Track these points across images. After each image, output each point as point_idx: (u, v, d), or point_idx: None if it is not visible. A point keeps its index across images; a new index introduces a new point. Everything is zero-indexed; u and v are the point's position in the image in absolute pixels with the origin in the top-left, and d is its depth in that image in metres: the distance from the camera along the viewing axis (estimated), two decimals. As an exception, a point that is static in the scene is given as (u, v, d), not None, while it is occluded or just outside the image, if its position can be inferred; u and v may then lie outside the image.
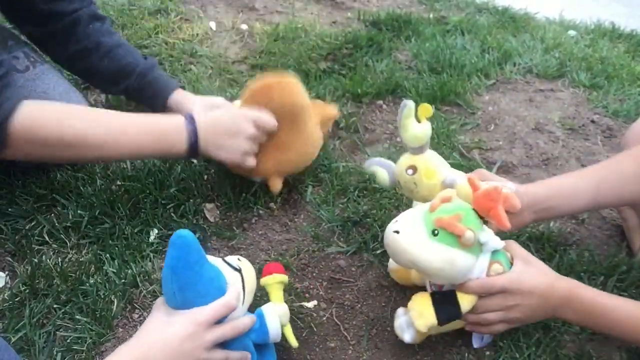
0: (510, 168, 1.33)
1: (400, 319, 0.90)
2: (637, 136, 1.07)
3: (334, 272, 1.06)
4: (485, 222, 0.83)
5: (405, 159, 0.94)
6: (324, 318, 0.98)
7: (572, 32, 2.01)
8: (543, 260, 1.06)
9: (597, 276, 1.04)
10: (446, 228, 0.78)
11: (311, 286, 1.03)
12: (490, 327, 0.88)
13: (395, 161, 0.97)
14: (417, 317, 0.84)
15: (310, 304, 1.00)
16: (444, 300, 0.85)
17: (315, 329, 0.96)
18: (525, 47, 1.81)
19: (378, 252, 1.08)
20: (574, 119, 1.50)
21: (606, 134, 1.46)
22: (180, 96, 1.25)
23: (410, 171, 0.92)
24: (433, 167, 0.92)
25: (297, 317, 0.97)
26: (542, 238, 1.12)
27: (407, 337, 0.89)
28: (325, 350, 0.93)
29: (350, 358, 0.92)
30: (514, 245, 0.89)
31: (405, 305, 0.99)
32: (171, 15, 1.84)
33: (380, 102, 1.53)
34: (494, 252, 0.85)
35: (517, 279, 0.84)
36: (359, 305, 1.00)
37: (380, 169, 0.97)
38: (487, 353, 0.93)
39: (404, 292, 1.02)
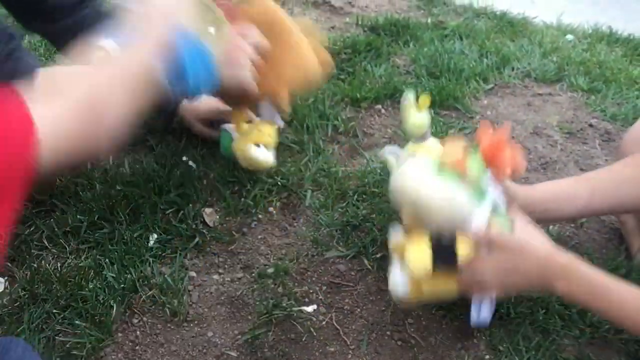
0: (509, 172, 1.33)
1: (395, 271, 0.88)
2: (635, 140, 1.07)
3: (333, 276, 1.06)
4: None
5: (409, 148, 0.96)
6: (324, 322, 0.98)
7: (569, 37, 2.01)
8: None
9: (596, 280, 1.04)
10: (450, 165, 0.80)
11: (310, 291, 1.03)
12: (485, 290, 0.85)
13: None
14: (413, 260, 0.82)
15: (310, 309, 1.00)
16: (442, 246, 0.83)
17: (314, 334, 0.96)
18: (523, 51, 1.82)
19: (377, 256, 1.08)
20: (572, 123, 1.51)
21: (604, 137, 1.47)
22: (183, 116, 1.30)
23: None
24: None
25: (296, 322, 0.97)
26: (541, 242, 1.12)
27: (401, 289, 0.87)
28: (324, 354, 0.93)
29: (349, 362, 0.92)
30: (520, 212, 0.88)
31: (404, 310, 0.99)
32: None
33: (379, 106, 1.53)
34: (497, 213, 0.84)
35: (519, 239, 0.82)
36: (359, 310, 1.00)
37: (391, 156, 0.99)
38: (487, 357, 0.93)
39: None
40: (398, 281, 0.88)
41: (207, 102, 1.29)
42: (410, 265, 0.83)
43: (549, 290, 0.85)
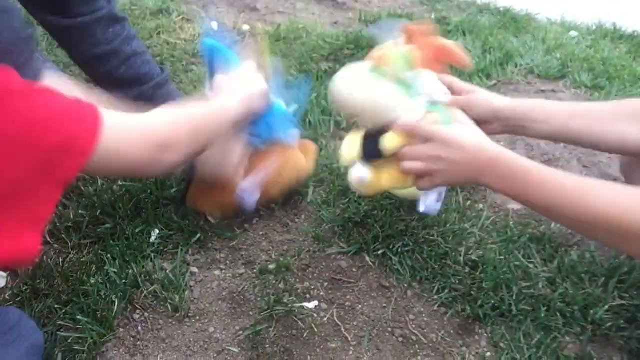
0: (512, 169, 1.33)
1: (356, 166, 0.91)
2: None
3: (334, 272, 1.06)
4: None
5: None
6: (325, 319, 0.98)
7: (573, 33, 2.01)
8: (544, 261, 1.07)
9: (598, 277, 1.03)
10: (376, 62, 0.84)
11: (312, 287, 1.03)
12: (418, 180, 0.87)
13: None
14: (344, 148, 0.89)
15: (311, 305, 1.00)
16: (371, 138, 0.88)
17: (315, 330, 0.96)
18: (526, 47, 1.82)
19: (379, 253, 1.08)
20: (576, 120, 1.50)
21: (608, 135, 1.46)
22: None
23: None
24: None
25: (297, 318, 0.97)
26: (543, 239, 1.12)
27: (361, 174, 0.90)
28: (325, 351, 0.93)
29: (350, 359, 0.92)
30: (460, 113, 0.90)
31: (405, 307, 0.99)
32: (173, 15, 1.84)
33: (382, 102, 1.53)
34: (436, 108, 0.87)
35: (447, 131, 0.83)
36: (360, 306, 1.00)
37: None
38: (488, 354, 0.93)
39: (405, 293, 1.02)
40: (358, 168, 0.91)
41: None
42: (342, 153, 0.89)
43: (477, 182, 0.85)
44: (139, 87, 1.26)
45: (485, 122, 0.93)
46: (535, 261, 1.07)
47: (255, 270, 1.05)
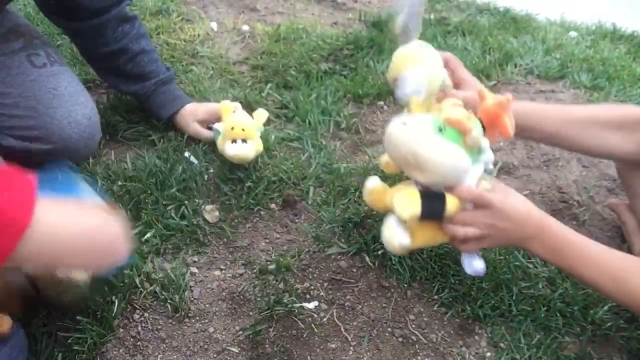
0: (511, 169, 1.33)
1: (393, 224, 0.89)
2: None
3: (334, 273, 1.06)
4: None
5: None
6: (325, 319, 0.98)
7: (573, 33, 2.01)
8: (544, 261, 1.06)
9: (598, 277, 1.03)
10: (454, 125, 0.81)
11: (312, 287, 1.03)
12: (464, 244, 0.89)
13: None
14: (402, 204, 0.84)
15: (311, 305, 1.00)
16: (432, 196, 0.86)
17: (315, 330, 0.96)
18: (526, 48, 1.82)
19: (379, 253, 1.08)
20: (575, 120, 1.50)
21: (607, 135, 1.46)
22: (183, 117, 1.32)
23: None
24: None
25: (297, 318, 0.97)
26: (543, 239, 1.12)
27: (404, 239, 0.87)
28: (325, 351, 0.93)
29: (350, 359, 0.92)
30: (495, 179, 0.93)
31: (405, 307, 0.99)
32: (172, 15, 1.84)
33: (381, 103, 1.53)
34: (485, 172, 0.87)
35: (501, 199, 0.85)
36: (360, 306, 1.00)
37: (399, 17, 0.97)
38: (488, 354, 0.93)
39: (405, 293, 1.02)
40: (395, 230, 0.88)
41: (206, 105, 1.32)
42: (399, 209, 0.84)
43: (521, 247, 0.89)
44: (142, 82, 1.30)
45: None
46: (535, 261, 1.07)
47: (255, 271, 1.05)
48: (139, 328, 0.94)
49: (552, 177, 1.31)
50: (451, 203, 0.85)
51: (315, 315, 0.98)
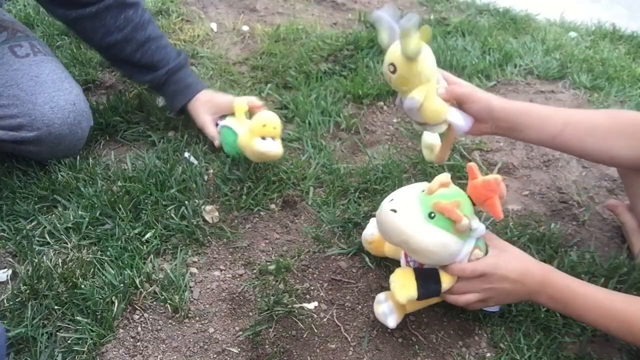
0: (511, 169, 1.33)
1: (383, 305, 0.92)
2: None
3: (334, 273, 1.06)
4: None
5: (392, 54, 0.91)
6: (325, 319, 0.98)
7: (572, 34, 2.01)
8: (544, 261, 1.06)
9: (598, 278, 1.04)
10: (444, 213, 0.81)
11: (312, 287, 1.03)
12: (468, 306, 0.92)
13: None
14: (398, 289, 0.87)
15: (311, 305, 1.00)
16: (427, 276, 0.88)
17: (315, 330, 0.96)
18: (526, 48, 1.82)
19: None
20: (575, 121, 1.50)
21: (607, 135, 1.46)
22: (194, 106, 1.30)
23: (391, 67, 0.91)
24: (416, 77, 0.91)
25: (297, 319, 0.97)
26: (542, 239, 1.12)
27: (391, 322, 0.91)
28: (325, 351, 0.93)
29: (350, 359, 0.92)
30: (490, 234, 0.94)
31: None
32: (172, 16, 1.84)
33: (381, 103, 1.53)
34: (478, 240, 0.89)
35: (494, 264, 0.87)
36: (360, 307, 1.00)
37: (383, 28, 0.93)
38: (488, 355, 0.93)
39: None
40: (387, 313, 0.91)
41: (221, 98, 1.31)
42: (395, 294, 0.87)
43: (532, 301, 0.92)
44: (153, 72, 1.28)
45: (481, 121, 0.95)
46: (535, 261, 1.07)
47: (254, 271, 1.05)
48: (139, 328, 0.94)
49: (552, 178, 1.31)
50: (446, 280, 0.89)
51: (315, 316, 0.98)
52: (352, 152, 1.36)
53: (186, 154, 1.28)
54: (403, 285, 0.87)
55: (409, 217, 0.82)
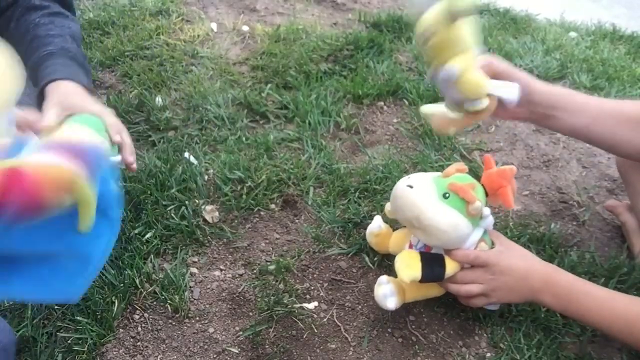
0: (511, 169, 1.33)
1: (384, 286, 0.92)
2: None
3: (334, 273, 1.06)
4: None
5: (430, 18, 0.81)
6: (325, 319, 0.98)
7: (573, 34, 2.01)
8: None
9: (598, 278, 1.04)
10: (458, 193, 0.83)
11: (312, 287, 1.03)
12: (470, 299, 0.92)
13: None
14: (403, 268, 0.87)
15: (311, 305, 1.00)
16: (432, 260, 0.89)
17: (315, 330, 0.96)
18: (526, 48, 1.82)
19: (378, 253, 1.08)
20: (575, 121, 1.50)
21: (607, 135, 1.46)
22: (47, 92, 0.91)
23: (427, 32, 0.81)
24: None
25: (297, 319, 0.97)
26: (542, 239, 1.12)
27: (391, 303, 0.91)
28: (325, 351, 0.93)
29: (350, 359, 0.92)
30: (497, 233, 0.95)
31: (405, 307, 0.99)
32: (172, 16, 1.84)
33: (381, 103, 1.53)
34: (485, 233, 0.90)
35: (498, 256, 0.88)
36: (360, 307, 1.00)
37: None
38: (488, 355, 0.93)
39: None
40: (387, 295, 0.91)
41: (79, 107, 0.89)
42: (400, 273, 0.87)
43: (536, 301, 0.91)
44: (31, 56, 0.98)
45: (517, 104, 0.89)
46: (535, 261, 1.07)
47: (255, 271, 1.05)
48: (139, 328, 0.94)
49: (552, 178, 1.31)
50: (450, 265, 0.89)
51: (315, 316, 0.98)
52: (352, 152, 1.36)
53: (186, 154, 1.28)
54: (408, 265, 0.87)
55: (424, 193, 0.84)
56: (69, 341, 0.91)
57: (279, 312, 0.97)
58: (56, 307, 0.95)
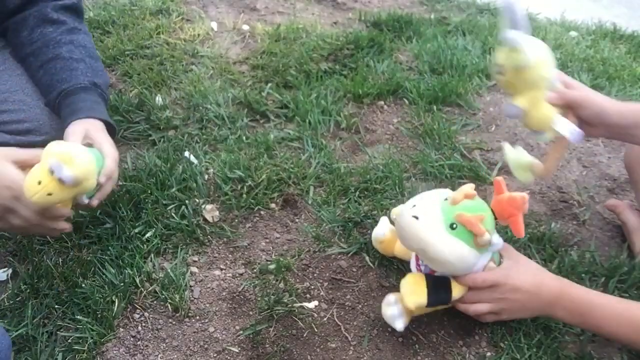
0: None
1: (393, 307, 0.91)
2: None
3: (334, 272, 1.06)
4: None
5: (501, 56, 0.87)
6: (325, 319, 0.98)
7: (573, 33, 2.01)
8: (544, 261, 1.07)
9: (598, 277, 1.04)
10: (466, 226, 0.81)
11: (312, 287, 1.03)
12: (480, 317, 0.91)
13: None
14: (408, 294, 0.87)
15: (311, 305, 0.99)
16: (438, 284, 0.88)
17: (316, 330, 0.96)
18: (526, 48, 1.81)
19: (378, 253, 1.08)
20: (575, 120, 1.50)
21: (607, 135, 1.46)
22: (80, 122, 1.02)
23: (498, 69, 0.88)
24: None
25: (297, 318, 0.97)
26: (542, 239, 1.12)
27: (399, 324, 0.90)
28: (325, 350, 0.93)
29: (350, 358, 0.92)
30: (506, 245, 0.93)
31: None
32: (173, 15, 1.84)
33: (381, 102, 1.53)
34: (494, 254, 0.89)
35: (505, 275, 0.87)
36: (360, 306, 1.00)
37: (507, 19, 0.88)
38: (489, 354, 0.93)
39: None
40: (396, 316, 0.91)
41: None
42: (404, 299, 0.87)
43: (549, 316, 0.91)
44: (48, 95, 1.08)
45: (590, 125, 0.91)
46: (536, 261, 1.06)
47: (255, 270, 1.05)
48: (139, 328, 0.94)
49: (552, 177, 1.31)
50: (457, 289, 0.88)
51: (316, 315, 0.98)
52: (352, 151, 1.36)
53: (186, 154, 1.28)
54: (413, 292, 0.87)
55: (430, 225, 0.82)
56: (69, 340, 0.91)
57: (279, 311, 0.97)
58: (56, 306, 0.96)
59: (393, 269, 1.05)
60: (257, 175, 1.22)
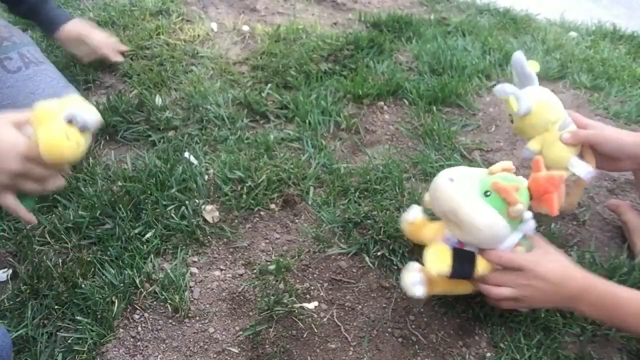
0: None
1: (414, 273, 0.90)
2: None
3: (334, 273, 1.06)
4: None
5: (509, 105, 0.96)
6: (325, 319, 0.98)
7: (573, 34, 2.01)
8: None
9: (598, 278, 1.03)
10: (500, 193, 0.81)
11: (312, 287, 1.03)
12: (500, 301, 0.90)
13: None
14: (433, 261, 0.86)
15: (311, 305, 1.00)
16: (463, 256, 0.87)
17: (315, 330, 0.96)
18: (526, 48, 1.81)
19: (379, 253, 1.08)
20: (575, 121, 1.50)
21: (607, 135, 1.46)
22: (71, 31, 1.44)
23: (509, 117, 0.96)
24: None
25: (297, 318, 0.97)
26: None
27: (419, 290, 0.89)
28: (325, 351, 0.93)
29: (350, 359, 0.92)
30: (538, 237, 0.92)
31: (405, 307, 0.99)
32: (172, 16, 1.84)
33: (381, 103, 1.53)
34: (523, 239, 0.88)
35: (534, 261, 0.86)
36: (360, 307, 1.00)
37: (515, 73, 1.00)
38: (488, 354, 0.93)
39: (404, 293, 1.02)
40: (416, 282, 0.89)
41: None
42: (427, 265, 0.86)
43: (572, 309, 0.90)
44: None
45: (614, 159, 0.92)
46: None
47: (255, 271, 1.05)
48: (139, 328, 0.94)
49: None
50: (481, 265, 0.87)
51: (315, 316, 0.98)
52: (352, 152, 1.36)
53: (186, 154, 1.28)
54: (438, 258, 0.86)
55: (464, 188, 0.82)
56: (69, 341, 0.91)
57: (279, 312, 0.97)
58: (56, 306, 0.96)
59: (393, 269, 1.05)
60: (257, 176, 1.22)
